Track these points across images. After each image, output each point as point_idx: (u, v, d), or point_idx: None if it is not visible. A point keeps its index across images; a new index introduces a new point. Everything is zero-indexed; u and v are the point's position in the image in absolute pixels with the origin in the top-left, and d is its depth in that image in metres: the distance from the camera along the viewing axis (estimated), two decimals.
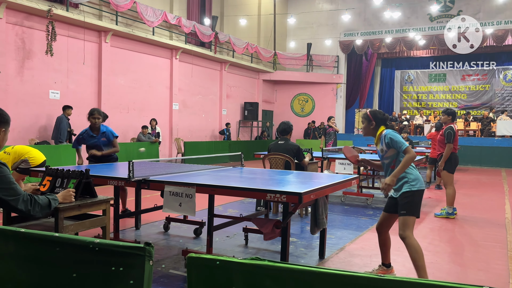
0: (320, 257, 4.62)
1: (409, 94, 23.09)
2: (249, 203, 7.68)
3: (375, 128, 3.91)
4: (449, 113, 6.98)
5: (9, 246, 1.72)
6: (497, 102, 21.05)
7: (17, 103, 10.68)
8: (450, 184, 6.84)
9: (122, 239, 4.87)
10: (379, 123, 3.88)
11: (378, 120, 3.88)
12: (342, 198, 8.28)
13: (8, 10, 10.32)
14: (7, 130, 2.79)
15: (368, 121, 3.92)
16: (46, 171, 3.43)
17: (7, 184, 2.64)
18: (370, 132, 3.93)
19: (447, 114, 6.97)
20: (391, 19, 20.43)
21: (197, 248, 4.83)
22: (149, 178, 3.97)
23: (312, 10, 22.33)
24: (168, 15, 14.35)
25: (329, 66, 22.05)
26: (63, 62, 11.75)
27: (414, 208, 3.67)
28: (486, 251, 5.06)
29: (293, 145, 6.42)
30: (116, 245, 1.54)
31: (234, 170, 5.14)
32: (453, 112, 7.03)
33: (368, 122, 3.92)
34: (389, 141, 3.72)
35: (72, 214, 3.18)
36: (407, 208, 3.65)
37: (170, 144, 15.72)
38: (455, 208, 6.99)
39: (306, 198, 3.40)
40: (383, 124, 3.89)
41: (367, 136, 4.03)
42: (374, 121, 3.88)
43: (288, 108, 22.77)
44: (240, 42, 18.29)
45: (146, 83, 14.57)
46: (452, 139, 6.72)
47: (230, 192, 3.69)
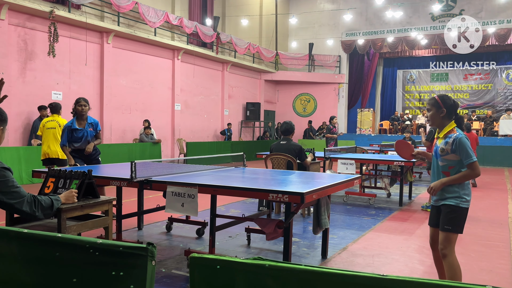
0: (322, 257, 4.61)
1: (411, 94, 23.05)
2: (251, 203, 7.68)
3: (445, 117, 3.32)
4: None
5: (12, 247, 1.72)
6: (500, 101, 21.00)
7: (20, 104, 10.71)
8: None
9: (125, 240, 4.88)
10: (450, 112, 3.32)
11: (448, 107, 3.31)
12: (344, 198, 8.27)
13: (11, 11, 10.35)
14: (5, 128, 2.79)
15: (437, 108, 3.33)
16: (49, 172, 3.44)
17: (10, 187, 2.66)
18: (438, 122, 3.36)
19: None
20: (393, 19, 20.41)
21: (199, 248, 4.83)
22: (152, 179, 3.97)
23: (313, 10, 22.32)
24: (170, 16, 14.37)
25: (331, 66, 22.03)
26: (65, 63, 11.78)
27: (460, 225, 3.24)
28: (489, 250, 5.05)
29: (295, 145, 6.41)
30: (118, 246, 1.54)
31: (236, 170, 5.14)
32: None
33: (437, 109, 3.33)
34: (457, 147, 3.18)
35: (74, 214, 3.19)
36: (452, 224, 3.21)
37: (172, 145, 15.74)
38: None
39: (308, 198, 3.40)
40: (454, 113, 3.35)
41: (433, 126, 3.46)
42: (445, 107, 3.30)
43: (290, 108, 22.77)
44: (242, 42, 18.30)
45: (148, 84, 14.59)
46: (432, 138, 6.96)
47: (232, 192, 3.70)
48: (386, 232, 5.83)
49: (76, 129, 5.88)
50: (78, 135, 5.86)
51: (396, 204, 7.93)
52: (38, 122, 10.65)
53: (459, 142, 3.16)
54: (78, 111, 5.88)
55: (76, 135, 5.86)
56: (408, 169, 8.19)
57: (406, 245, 5.18)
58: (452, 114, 3.33)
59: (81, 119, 5.92)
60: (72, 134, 5.85)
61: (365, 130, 20.95)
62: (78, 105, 5.87)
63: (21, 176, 9.30)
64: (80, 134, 5.87)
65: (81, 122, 5.92)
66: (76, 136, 5.86)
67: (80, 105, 5.86)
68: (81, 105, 5.86)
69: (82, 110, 5.87)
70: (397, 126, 20.54)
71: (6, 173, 2.67)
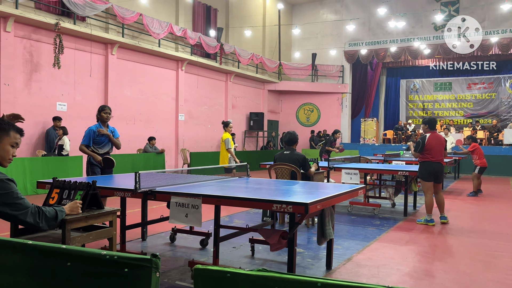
0: (327, 268, 4.58)
1: (415, 103, 23.04)
2: (255, 213, 7.66)
3: None
4: (425, 122, 7.24)
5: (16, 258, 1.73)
6: (504, 110, 20.95)
7: (25, 115, 10.68)
8: (426, 192, 7.10)
9: (129, 251, 4.87)
10: None
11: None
12: (348, 208, 8.23)
13: (17, 24, 10.47)
14: (3, 139, 2.70)
15: None
16: (54, 183, 3.45)
17: (14, 199, 2.66)
18: None
19: (423, 123, 7.25)
20: (395, 29, 20.49)
21: (203, 259, 4.81)
22: (156, 189, 3.98)
23: (316, 21, 22.46)
24: (174, 27, 14.49)
25: (334, 76, 22.09)
26: (70, 74, 11.87)
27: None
28: (496, 261, 5.00)
29: (299, 155, 6.41)
30: (122, 257, 1.54)
31: (240, 181, 5.14)
32: (429, 120, 7.13)
33: None
34: None
35: (79, 225, 3.19)
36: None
37: (176, 155, 15.76)
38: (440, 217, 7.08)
39: (313, 209, 3.39)
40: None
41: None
42: None
43: (293, 118, 22.79)
44: (245, 53, 18.40)
45: (152, 95, 14.66)
46: (419, 149, 6.97)
47: (236, 202, 3.69)
48: (391, 242, 5.79)
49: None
50: (101, 138, 6.19)
51: (400, 214, 7.89)
52: (52, 131, 10.80)
53: None
54: (103, 118, 6.25)
55: (100, 138, 6.18)
56: (413, 178, 8.16)
57: (411, 256, 5.14)
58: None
59: (104, 125, 6.29)
60: (97, 137, 6.17)
61: (369, 140, 20.92)
62: (104, 112, 6.24)
63: (25, 187, 9.33)
64: (103, 138, 6.21)
65: (105, 128, 6.27)
66: (100, 139, 6.18)
67: (106, 112, 6.25)
68: (106, 112, 6.26)
69: (107, 117, 6.27)
70: (401, 136, 20.50)
71: (10, 184, 2.67)
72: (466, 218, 7.70)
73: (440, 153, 6.95)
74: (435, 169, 6.96)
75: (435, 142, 6.92)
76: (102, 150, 6.21)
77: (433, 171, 6.96)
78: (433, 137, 6.96)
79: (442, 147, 6.99)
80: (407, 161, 10.65)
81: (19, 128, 2.82)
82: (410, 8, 20.56)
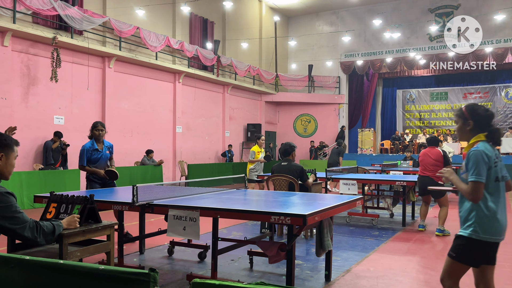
0: (326, 280, 4.56)
1: (412, 113, 23.14)
2: (254, 225, 7.64)
3: (472, 130, 2.87)
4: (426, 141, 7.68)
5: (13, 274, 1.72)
6: (500, 119, 21.05)
7: (22, 129, 10.76)
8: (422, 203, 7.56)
9: (126, 265, 4.84)
10: (479, 125, 2.85)
11: (477, 119, 2.85)
12: (347, 219, 8.22)
13: (14, 38, 10.52)
14: (9, 154, 2.74)
15: (464, 120, 2.90)
16: (51, 198, 3.44)
17: (13, 212, 2.65)
18: (465, 136, 2.92)
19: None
20: (391, 40, 20.67)
21: (201, 272, 4.78)
22: (153, 202, 3.97)
23: (312, 33, 22.64)
24: (171, 40, 14.58)
25: (331, 87, 22.21)
26: (68, 87, 11.90)
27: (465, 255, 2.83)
28: (496, 270, 4.98)
29: (296, 166, 6.41)
30: (120, 271, 1.54)
31: (238, 193, 5.14)
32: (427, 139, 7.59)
33: (464, 121, 2.90)
34: (467, 162, 2.77)
35: (76, 240, 3.17)
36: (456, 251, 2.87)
37: (173, 167, 15.74)
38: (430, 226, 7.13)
39: (311, 220, 3.39)
40: (487, 127, 2.85)
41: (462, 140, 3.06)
42: (472, 119, 2.86)
43: (291, 129, 22.84)
44: (242, 65, 18.51)
45: (149, 107, 14.69)
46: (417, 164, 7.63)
47: (234, 215, 3.69)
48: (390, 253, 5.77)
49: (96, 150, 6.06)
50: (97, 156, 6.05)
51: (399, 224, 7.87)
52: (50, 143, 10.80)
53: (470, 156, 2.75)
54: (96, 135, 6.08)
55: (95, 156, 6.03)
56: (410, 188, 8.17)
57: (411, 266, 5.13)
58: (484, 126, 2.85)
59: (98, 142, 6.12)
60: (91, 155, 6.02)
61: (366, 150, 20.96)
62: (96, 130, 6.07)
63: (22, 201, 9.28)
64: (99, 155, 6.06)
65: (99, 145, 6.13)
66: (95, 157, 6.04)
67: (98, 129, 6.06)
68: (99, 129, 6.07)
69: (99, 134, 6.08)
70: (398, 146, 20.55)
71: (10, 198, 2.67)
72: None
73: (426, 166, 7.16)
74: (420, 181, 7.27)
75: (423, 156, 7.30)
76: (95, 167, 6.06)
77: (421, 185, 7.26)
78: (423, 152, 7.38)
79: (429, 160, 7.16)
80: (404, 171, 10.66)
81: (17, 141, 2.85)
82: (405, 19, 20.78)
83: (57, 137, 10.91)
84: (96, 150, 6.05)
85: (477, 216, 2.75)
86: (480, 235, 2.74)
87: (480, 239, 2.74)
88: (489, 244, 2.77)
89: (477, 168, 2.70)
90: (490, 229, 2.74)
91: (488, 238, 2.74)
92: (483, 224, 2.74)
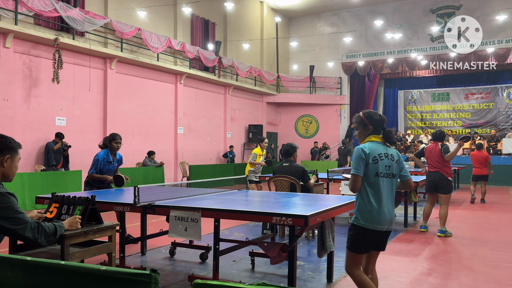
0: (328, 281, 4.55)
1: (413, 114, 23.12)
2: (255, 226, 7.63)
3: (371, 133, 3.25)
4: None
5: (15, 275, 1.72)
6: (502, 120, 21.01)
7: (24, 131, 10.79)
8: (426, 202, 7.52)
9: (128, 266, 4.84)
10: (376, 129, 3.24)
11: (375, 124, 3.24)
12: (349, 220, 8.20)
13: (16, 39, 10.54)
14: (14, 157, 2.76)
15: (364, 126, 3.27)
16: (53, 198, 3.44)
17: (14, 213, 2.65)
18: (364, 139, 3.29)
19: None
20: (392, 40, 20.66)
21: (203, 273, 4.78)
22: (155, 203, 3.97)
23: (314, 34, 22.64)
24: (172, 41, 14.60)
25: (332, 88, 22.20)
26: (69, 89, 11.92)
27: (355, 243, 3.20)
28: (497, 271, 4.97)
29: (298, 167, 6.41)
30: (122, 272, 1.54)
31: (239, 193, 5.13)
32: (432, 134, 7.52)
33: (364, 126, 3.27)
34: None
35: (78, 241, 3.17)
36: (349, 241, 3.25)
37: (175, 168, 15.74)
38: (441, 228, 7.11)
39: (312, 221, 3.38)
40: (382, 130, 3.25)
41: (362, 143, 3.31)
42: (371, 124, 3.24)
43: (292, 130, 22.84)
44: (243, 66, 18.51)
45: (151, 108, 14.71)
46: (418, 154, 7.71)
47: (236, 216, 3.68)
48: (391, 254, 5.76)
49: (110, 162, 6.09)
50: (108, 167, 6.08)
51: (401, 225, 7.86)
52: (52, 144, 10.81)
53: (353, 153, 3.18)
54: (114, 148, 6.08)
55: (108, 167, 6.06)
56: (412, 189, 8.14)
57: (413, 267, 5.12)
58: (380, 130, 3.24)
59: (112, 154, 6.13)
60: (104, 166, 6.03)
61: None
62: (114, 142, 6.07)
63: (24, 202, 9.29)
64: (110, 167, 6.10)
65: (112, 156, 6.15)
66: (108, 168, 6.07)
67: (116, 142, 6.08)
68: (117, 142, 6.09)
69: (117, 147, 6.10)
70: (400, 146, 20.52)
71: (10, 198, 2.66)
72: (466, 229, 7.68)
73: (433, 162, 7.08)
74: (428, 178, 7.20)
75: (428, 153, 7.22)
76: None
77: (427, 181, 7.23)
78: (427, 148, 7.30)
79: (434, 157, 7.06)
80: None
81: (20, 144, 2.86)
82: (406, 20, 20.76)
83: (59, 138, 10.93)
84: (109, 162, 6.07)
85: (358, 205, 3.17)
86: (360, 222, 3.13)
87: (361, 226, 3.12)
88: (370, 231, 3.11)
89: (354, 163, 3.13)
90: (369, 217, 3.11)
91: (367, 225, 3.10)
92: (362, 212, 3.13)
